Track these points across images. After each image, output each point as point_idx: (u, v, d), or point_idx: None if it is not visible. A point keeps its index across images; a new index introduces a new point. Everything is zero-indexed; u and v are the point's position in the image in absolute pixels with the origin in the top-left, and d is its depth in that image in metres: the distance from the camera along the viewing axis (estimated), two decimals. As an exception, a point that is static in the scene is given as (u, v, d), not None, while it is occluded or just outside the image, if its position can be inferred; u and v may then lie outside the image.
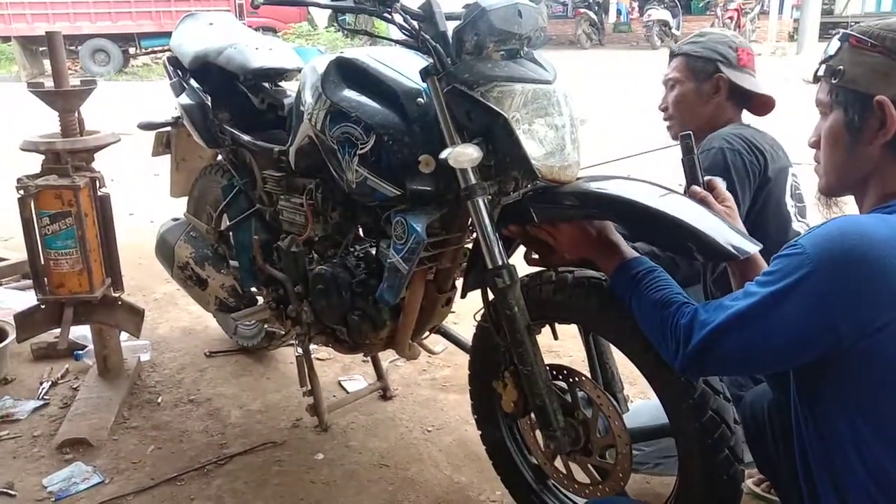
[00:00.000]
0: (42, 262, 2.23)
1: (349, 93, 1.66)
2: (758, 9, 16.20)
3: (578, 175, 1.50)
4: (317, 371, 2.20)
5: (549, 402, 1.50)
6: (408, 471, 2.08)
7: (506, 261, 1.48)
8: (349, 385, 2.56)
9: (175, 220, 2.59)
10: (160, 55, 13.60)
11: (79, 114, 2.29)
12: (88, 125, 2.33)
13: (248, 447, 2.20)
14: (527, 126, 1.41)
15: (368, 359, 2.48)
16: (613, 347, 1.58)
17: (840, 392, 1.07)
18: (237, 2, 13.76)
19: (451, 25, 1.48)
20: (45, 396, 2.48)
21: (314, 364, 2.19)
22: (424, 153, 1.53)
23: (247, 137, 2.16)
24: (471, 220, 1.57)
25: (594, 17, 17.71)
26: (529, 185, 1.53)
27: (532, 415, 1.58)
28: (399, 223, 1.57)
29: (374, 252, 1.88)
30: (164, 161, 2.73)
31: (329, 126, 1.68)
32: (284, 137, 2.02)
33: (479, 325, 1.74)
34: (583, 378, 1.55)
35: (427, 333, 2.07)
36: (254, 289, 2.31)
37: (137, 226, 4.20)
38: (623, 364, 1.59)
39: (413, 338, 1.94)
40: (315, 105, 1.73)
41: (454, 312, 2.13)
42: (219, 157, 2.49)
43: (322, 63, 1.76)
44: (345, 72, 1.69)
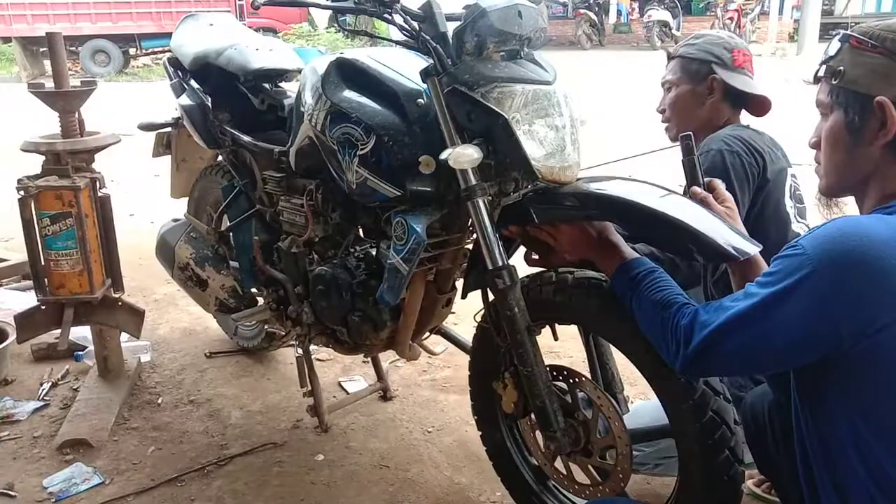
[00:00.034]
0: (42, 263, 2.23)
1: (349, 93, 1.66)
2: (758, 9, 16.20)
3: (578, 176, 1.50)
4: (317, 372, 2.20)
5: (550, 403, 1.50)
6: (408, 472, 2.08)
7: (506, 261, 1.48)
8: (349, 386, 2.56)
9: (175, 221, 2.59)
10: (160, 56, 13.61)
11: (79, 114, 2.29)
12: (89, 126, 2.34)
13: (249, 448, 2.20)
14: (527, 127, 1.41)
15: (369, 359, 2.48)
16: (613, 348, 1.58)
17: (841, 393, 1.06)
18: (238, 2, 13.79)
19: (452, 26, 1.48)
20: (46, 397, 2.48)
21: (314, 365, 2.19)
22: (425, 154, 1.53)
23: (247, 138, 2.16)
24: (471, 221, 1.57)
25: (594, 18, 17.73)
26: (530, 186, 1.53)
27: (532, 415, 1.58)
28: (399, 224, 1.57)
29: (375, 253, 1.88)
30: (165, 162, 2.73)
31: (329, 127, 1.68)
32: (285, 138, 2.02)
33: (480, 326, 1.74)
34: (583, 379, 1.55)
35: (427, 334, 2.07)
36: (254, 290, 2.31)
37: (138, 226, 4.19)
38: (623, 365, 1.59)
39: (413, 338, 1.94)
40: (315, 106, 1.73)
41: (454, 313, 2.13)
42: (219, 158, 2.49)
43: (322, 64, 1.76)
44: (345, 72, 1.69)
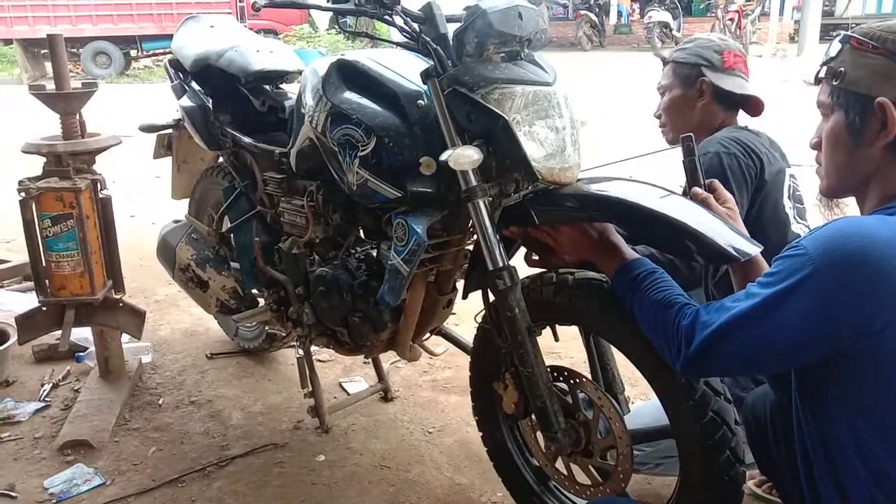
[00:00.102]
0: (43, 265, 2.23)
1: (350, 95, 1.66)
2: (758, 10, 16.19)
3: (579, 177, 1.50)
4: (318, 373, 2.20)
5: (550, 404, 1.50)
6: (409, 472, 2.08)
7: (506, 262, 1.48)
8: (350, 387, 2.56)
9: (176, 222, 2.59)
10: (161, 57, 13.61)
11: (80, 116, 2.29)
12: (90, 127, 2.34)
13: (250, 449, 2.20)
14: (527, 128, 1.41)
15: (369, 360, 2.48)
16: (614, 349, 1.58)
17: (841, 393, 1.07)
18: (238, 4, 13.80)
19: (452, 27, 1.48)
20: (47, 398, 2.48)
21: (315, 366, 2.19)
22: (425, 155, 1.53)
23: (248, 139, 2.16)
24: (472, 222, 1.57)
25: (595, 19, 17.74)
26: (530, 187, 1.53)
27: (533, 416, 1.58)
28: (400, 225, 1.57)
29: (375, 254, 1.88)
30: (166, 163, 2.73)
31: (330, 128, 1.68)
32: (285, 139, 2.02)
33: (480, 327, 1.74)
34: (584, 379, 1.55)
35: (428, 335, 2.07)
36: (255, 291, 2.31)
37: (139, 228, 4.20)
38: (624, 365, 1.59)
39: (414, 339, 1.94)
40: (316, 107, 1.73)
41: (455, 314, 2.13)
42: (220, 160, 2.49)
43: (323, 65, 1.76)
44: (346, 74, 1.69)
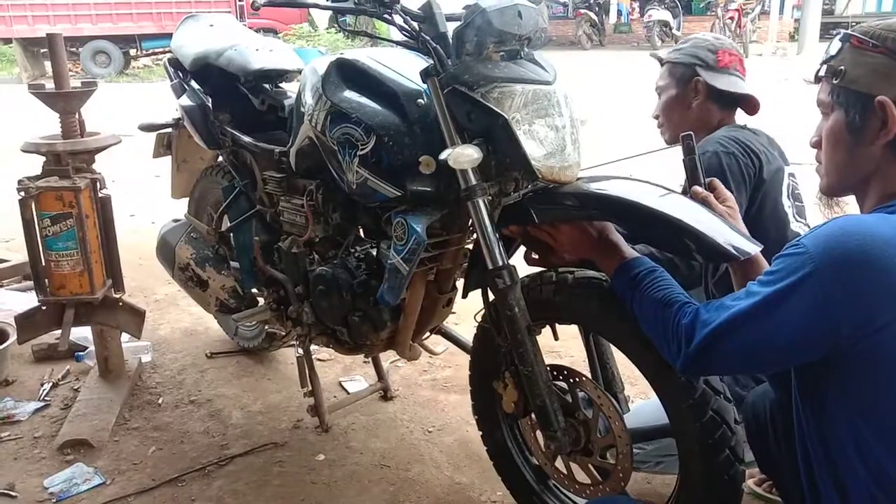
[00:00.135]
0: (43, 264, 2.23)
1: (349, 94, 1.66)
2: (758, 9, 16.18)
3: (579, 176, 1.50)
4: (317, 372, 2.20)
5: (550, 403, 1.50)
6: (409, 471, 2.08)
7: (506, 261, 1.48)
8: (350, 386, 2.56)
9: (176, 222, 2.59)
10: (161, 57, 13.60)
11: (79, 115, 2.29)
12: (89, 127, 2.34)
13: (249, 448, 2.20)
14: (527, 127, 1.41)
15: (369, 359, 2.48)
16: (614, 348, 1.58)
17: (841, 392, 1.06)
18: (238, 3, 13.79)
19: (452, 26, 1.48)
20: (46, 398, 2.48)
21: (315, 365, 2.19)
22: (425, 154, 1.53)
23: (247, 139, 2.16)
24: (471, 221, 1.57)
25: (595, 18, 17.74)
26: (530, 186, 1.53)
27: (533, 415, 1.58)
28: (399, 224, 1.57)
29: (375, 253, 1.88)
30: (165, 162, 2.73)
31: (329, 127, 1.68)
32: (285, 139, 2.02)
33: (480, 326, 1.74)
34: (583, 378, 1.55)
35: (428, 334, 2.07)
36: (254, 290, 2.31)
37: (138, 227, 4.20)
38: (624, 364, 1.59)
39: (414, 338, 1.94)
40: (315, 106, 1.73)
41: (455, 313, 2.13)
42: (219, 159, 2.49)
43: (322, 64, 1.76)
44: (345, 73, 1.69)
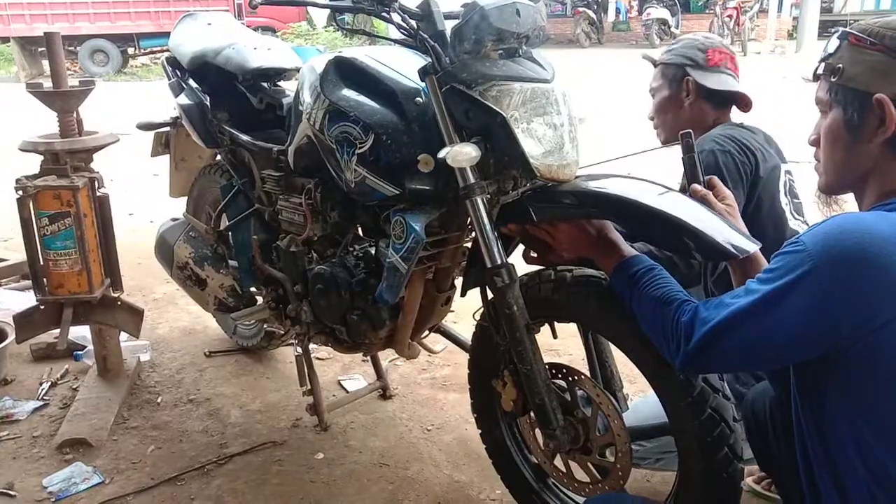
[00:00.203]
0: (41, 263, 2.23)
1: (348, 92, 1.66)
2: (757, 7, 16.19)
3: (577, 174, 1.50)
4: (316, 370, 2.20)
5: (549, 401, 1.50)
6: (408, 470, 2.08)
7: (505, 260, 1.48)
8: (349, 384, 2.56)
9: (174, 220, 2.59)
10: (159, 55, 13.60)
11: (77, 114, 2.28)
12: (87, 125, 2.33)
13: (248, 447, 2.20)
14: (525, 125, 1.41)
15: (368, 358, 2.48)
16: (613, 346, 1.58)
17: (841, 392, 1.06)
18: (236, 2, 13.77)
19: (450, 24, 1.48)
20: (45, 397, 2.48)
21: (314, 363, 2.19)
22: (423, 152, 1.53)
23: (245, 137, 2.16)
24: (470, 220, 1.57)
25: (593, 16, 17.74)
26: (528, 184, 1.53)
27: (531, 413, 1.58)
28: (398, 222, 1.56)
29: (374, 251, 1.88)
30: (164, 161, 2.72)
31: (328, 125, 1.68)
32: (283, 137, 2.01)
33: (479, 324, 1.74)
34: (582, 377, 1.55)
35: (426, 332, 2.07)
36: (253, 288, 2.31)
37: (137, 226, 4.20)
38: (622, 362, 1.58)
39: (412, 337, 1.94)
40: (314, 104, 1.72)
41: (453, 311, 2.13)
42: (218, 157, 2.49)
43: (321, 62, 1.75)
44: (343, 71, 1.69)
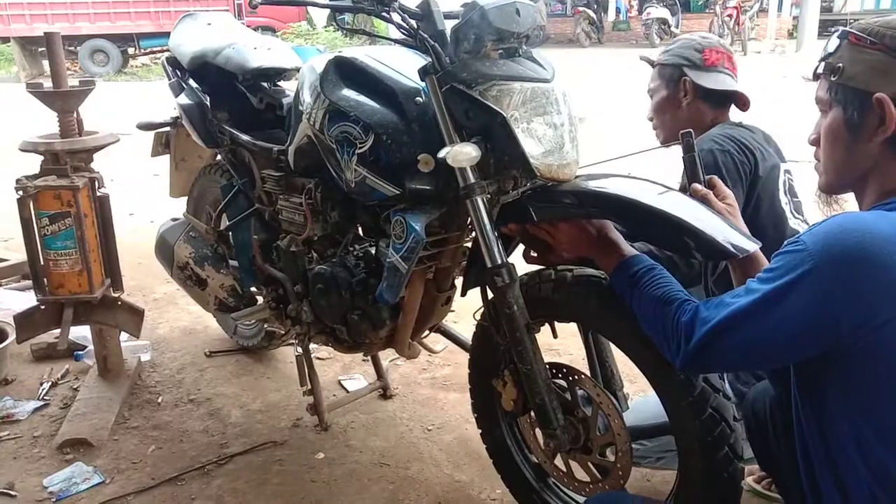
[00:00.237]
0: (41, 263, 2.23)
1: (348, 92, 1.66)
2: (757, 6, 16.18)
3: (577, 173, 1.50)
4: (317, 370, 2.20)
5: (549, 401, 1.50)
6: (408, 470, 2.08)
7: (505, 259, 1.48)
8: (349, 384, 2.56)
9: (174, 220, 2.59)
10: (159, 55, 13.60)
11: (77, 114, 2.28)
12: (87, 125, 2.33)
13: (249, 447, 2.20)
14: (525, 125, 1.41)
15: (368, 358, 2.48)
16: (613, 345, 1.58)
17: (841, 389, 1.06)
18: (236, 1, 13.78)
19: (450, 24, 1.48)
20: (46, 397, 2.48)
21: (314, 363, 2.19)
22: (423, 152, 1.53)
23: (246, 137, 2.16)
24: (470, 219, 1.57)
25: (593, 16, 17.73)
26: (528, 184, 1.53)
27: (532, 413, 1.59)
28: (398, 222, 1.56)
29: (374, 251, 1.88)
30: (164, 161, 2.72)
31: (328, 125, 1.68)
32: (283, 137, 2.01)
33: (479, 324, 1.74)
34: (582, 376, 1.55)
35: (427, 332, 2.07)
36: (253, 288, 2.31)
37: (137, 226, 4.20)
38: (623, 362, 1.58)
39: (413, 337, 1.94)
40: (314, 104, 1.72)
41: (454, 311, 2.13)
42: (218, 157, 2.49)
43: (321, 62, 1.75)
44: (343, 71, 1.69)
